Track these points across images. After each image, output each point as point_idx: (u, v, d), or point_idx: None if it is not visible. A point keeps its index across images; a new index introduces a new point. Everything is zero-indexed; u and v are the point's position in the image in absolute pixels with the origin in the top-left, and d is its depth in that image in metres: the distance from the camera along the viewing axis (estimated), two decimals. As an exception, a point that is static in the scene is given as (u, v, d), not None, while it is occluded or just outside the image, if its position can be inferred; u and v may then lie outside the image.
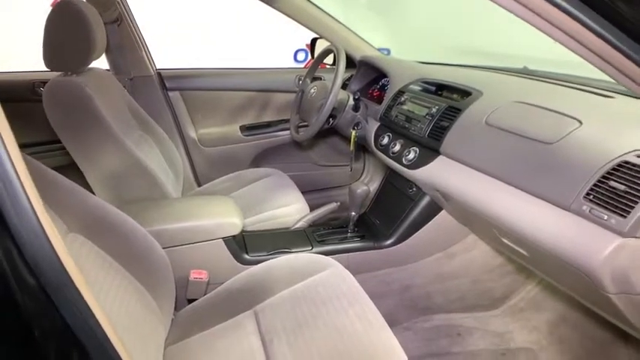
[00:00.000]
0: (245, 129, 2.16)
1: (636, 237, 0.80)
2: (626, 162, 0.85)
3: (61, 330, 0.41)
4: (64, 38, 1.35)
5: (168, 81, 2.00)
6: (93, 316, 0.44)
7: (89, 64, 1.44)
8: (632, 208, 0.79)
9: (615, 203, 0.82)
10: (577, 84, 1.30)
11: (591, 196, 0.86)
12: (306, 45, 3.89)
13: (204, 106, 2.09)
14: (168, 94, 2.01)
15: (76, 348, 0.43)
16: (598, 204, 0.85)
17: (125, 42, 1.85)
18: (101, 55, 1.51)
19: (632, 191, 0.81)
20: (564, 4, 0.57)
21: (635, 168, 0.83)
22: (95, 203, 0.99)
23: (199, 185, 2.09)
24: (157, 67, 2.01)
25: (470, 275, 1.57)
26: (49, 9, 1.37)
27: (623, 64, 0.63)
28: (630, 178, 0.82)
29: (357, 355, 0.91)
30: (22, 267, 0.39)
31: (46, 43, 1.34)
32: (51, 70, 1.40)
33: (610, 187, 0.84)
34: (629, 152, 0.86)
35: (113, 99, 1.56)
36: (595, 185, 0.86)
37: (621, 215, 0.81)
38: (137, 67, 1.91)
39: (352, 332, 0.97)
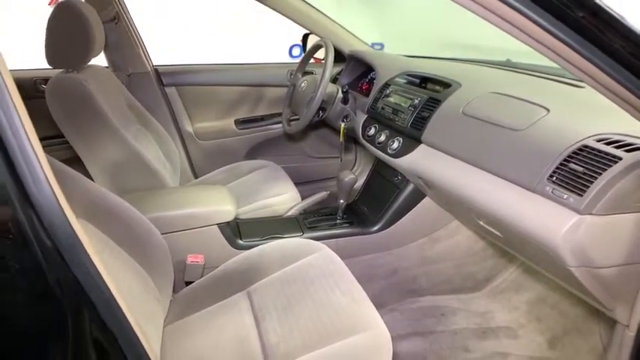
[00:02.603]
0: (239, 122, 2.22)
1: (592, 214, 0.88)
2: (586, 146, 0.92)
3: (74, 288, 0.49)
4: (65, 37, 1.41)
5: (164, 77, 2.06)
6: (99, 274, 0.51)
7: (89, 61, 1.51)
8: (588, 187, 0.87)
9: (574, 183, 0.90)
10: (553, 75, 1.37)
11: (554, 178, 0.94)
12: (301, 40, 3.95)
13: (200, 100, 2.15)
14: (165, 89, 2.07)
15: (87, 305, 0.51)
16: (560, 185, 0.93)
17: (123, 40, 1.91)
18: (100, 52, 1.58)
19: (589, 172, 0.89)
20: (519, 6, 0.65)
21: (593, 151, 0.91)
22: (97, 191, 1.06)
23: (196, 177, 2.16)
24: (154, 64, 2.07)
25: (454, 259, 1.65)
26: (47, 8, 1.44)
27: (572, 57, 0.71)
28: (588, 161, 0.90)
29: (342, 327, 0.98)
30: (40, 231, 0.46)
31: (48, 42, 1.41)
32: (53, 68, 1.47)
33: (570, 169, 0.92)
34: (589, 137, 0.94)
35: (112, 95, 1.63)
36: (557, 167, 0.94)
37: (579, 194, 0.88)
38: (135, 63, 1.98)
39: (337, 307, 1.04)
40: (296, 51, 4.17)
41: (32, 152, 0.46)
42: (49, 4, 3.67)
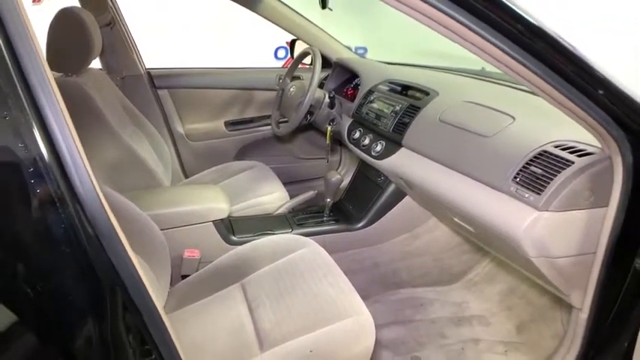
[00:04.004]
0: (229, 124, 2.31)
1: (549, 210, 1.00)
2: (545, 151, 1.05)
3: (109, 270, 0.58)
4: (67, 43, 1.48)
5: (157, 80, 2.14)
6: (130, 260, 0.61)
7: (88, 65, 1.58)
8: (546, 187, 1.00)
9: (534, 184, 1.03)
10: (520, 84, 1.50)
11: (518, 179, 1.06)
12: (287, 43, 4.03)
13: (191, 103, 2.23)
14: (157, 91, 2.15)
15: (119, 284, 0.60)
16: (522, 185, 1.05)
17: (117, 43, 1.98)
18: (97, 56, 1.65)
19: (546, 174, 1.01)
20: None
21: (551, 156, 1.04)
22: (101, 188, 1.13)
23: (186, 177, 2.23)
24: (147, 67, 2.15)
25: (432, 254, 1.78)
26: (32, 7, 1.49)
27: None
28: (546, 164, 1.03)
29: (330, 314, 1.08)
30: (85, 222, 0.55)
31: (49, 47, 1.48)
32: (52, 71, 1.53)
33: (531, 171, 1.04)
34: (548, 143, 1.06)
35: (108, 97, 1.71)
36: (521, 170, 1.07)
37: (538, 193, 1.01)
38: (128, 66, 2.05)
39: (326, 297, 1.14)
40: (281, 53, 4.27)
41: (78, 155, 0.56)
42: (33, 3, 3.68)
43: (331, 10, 1.51)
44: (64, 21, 1.49)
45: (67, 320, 0.57)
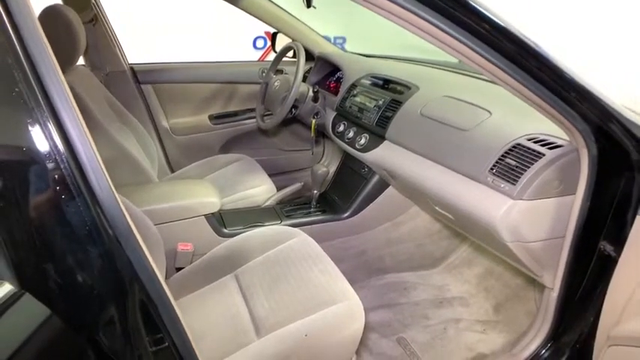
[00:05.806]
0: (214, 118, 2.33)
1: (523, 199, 1.09)
2: (519, 144, 1.13)
3: (128, 267, 0.63)
4: (53, 41, 1.48)
5: (140, 75, 2.14)
6: (145, 256, 0.65)
7: (75, 63, 1.58)
8: (520, 178, 1.08)
9: (509, 175, 1.11)
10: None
11: (494, 170, 1.15)
12: (265, 32, 4.03)
13: (175, 97, 2.24)
14: (141, 87, 2.15)
15: (136, 280, 0.65)
16: (498, 176, 1.13)
17: (100, 40, 1.97)
18: (82, 53, 1.65)
19: (520, 165, 1.10)
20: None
21: (524, 149, 1.12)
22: None
23: (172, 171, 2.25)
24: (130, 62, 2.15)
25: (414, 240, 1.87)
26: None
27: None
28: (520, 156, 1.11)
29: (322, 299, 1.14)
30: (105, 223, 0.60)
31: None
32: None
33: (507, 163, 1.13)
34: (521, 136, 1.15)
35: (95, 94, 1.71)
36: (497, 162, 1.15)
37: (512, 184, 1.09)
38: (112, 62, 2.04)
39: (317, 283, 1.20)
40: (260, 43, 4.27)
41: (95, 160, 0.60)
42: None
43: (315, 8, 1.55)
44: (49, 19, 1.48)
45: (92, 312, 0.62)
